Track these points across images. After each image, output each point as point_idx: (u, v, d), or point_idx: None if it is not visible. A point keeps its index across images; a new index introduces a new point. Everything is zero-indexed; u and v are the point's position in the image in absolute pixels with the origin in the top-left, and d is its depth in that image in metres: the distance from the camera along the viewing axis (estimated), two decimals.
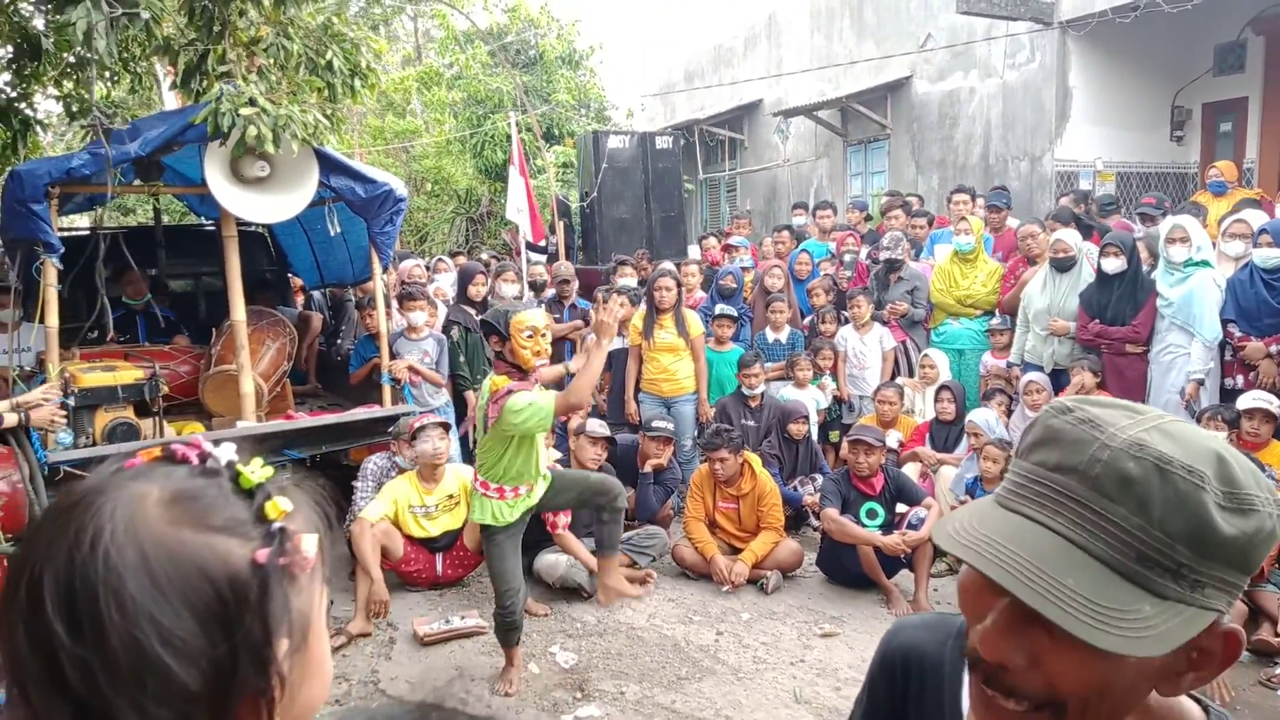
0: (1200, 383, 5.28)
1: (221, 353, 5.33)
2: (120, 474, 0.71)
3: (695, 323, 6.39)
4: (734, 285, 7.18)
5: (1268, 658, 3.96)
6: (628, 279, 7.58)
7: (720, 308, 6.82)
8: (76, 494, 0.70)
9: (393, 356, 5.74)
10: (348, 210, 5.46)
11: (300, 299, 8.23)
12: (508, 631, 3.95)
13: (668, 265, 7.40)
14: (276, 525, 0.72)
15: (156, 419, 4.98)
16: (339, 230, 5.64)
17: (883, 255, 7.01)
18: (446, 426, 5.23)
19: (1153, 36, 8.95)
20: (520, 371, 3.79)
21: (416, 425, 5.05)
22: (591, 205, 10.39)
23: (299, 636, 0.72)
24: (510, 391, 3.65)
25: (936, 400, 6.14)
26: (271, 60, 4.99)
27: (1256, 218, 5.76)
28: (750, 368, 6.19)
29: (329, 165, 5.06)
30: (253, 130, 4.38)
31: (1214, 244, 5.70)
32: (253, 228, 6.85)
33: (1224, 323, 5.29)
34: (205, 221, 7.52)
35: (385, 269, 6.11)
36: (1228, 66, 9.44)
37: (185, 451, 0.74)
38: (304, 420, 5.39)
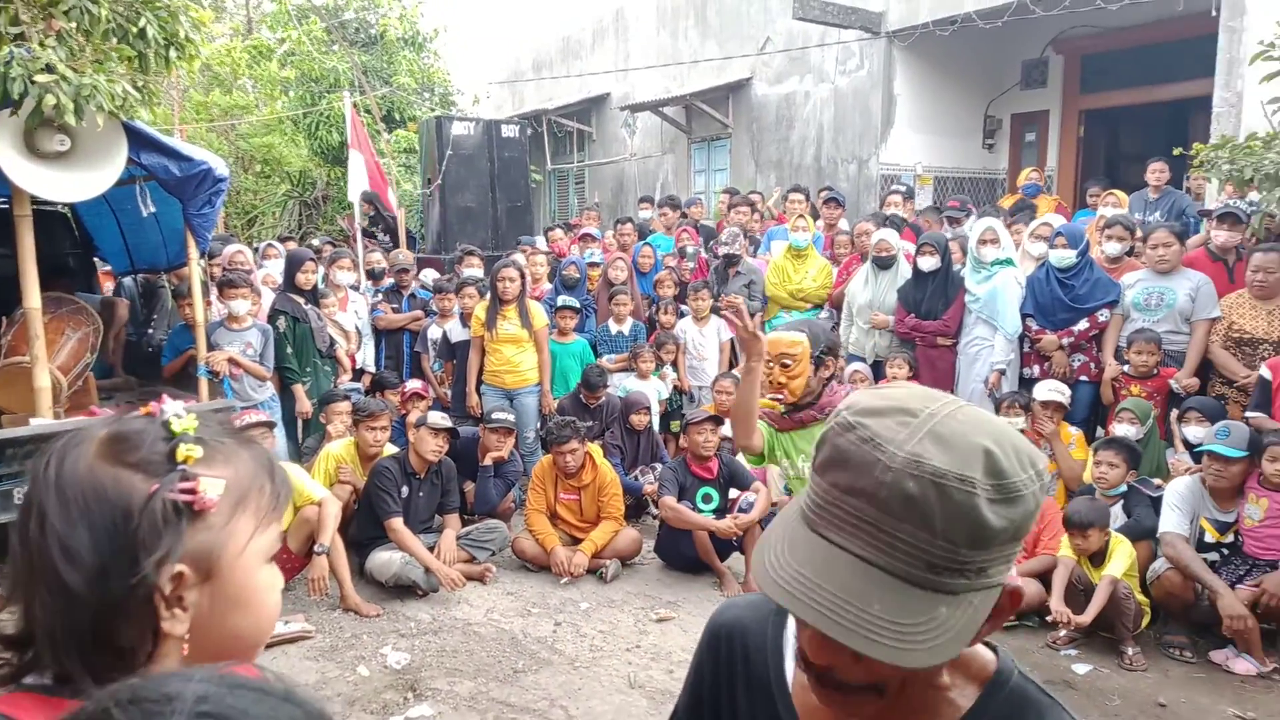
0: (1002, 372, 5.74)
1: (13, 343, 4.86)
2: (105, 419, 0.91)
3: (539, 314, 6.35)
4: (577, 275, 7.20)
5: (1054, 624, 4.34)
6: (473, 269, 7.46)
7: (563, 299, 6.82)
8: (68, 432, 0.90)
9: (211, 347, 5.41)
10: (162, 190, 5.09)
11: (110, 285, 7.62)
12: None
13: (516, 256, 7.33)
14: (181, 467, 0.85)
15: None
16: (152, 211, 5.24)
17: (721, 250, 7.21)
18: (271, 424, 4.97)
19: (969, 50, 9.63)
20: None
21: (239, 422, 4.78)
22: (435, 193, 10.15)
23: (202, 568, 0.86)
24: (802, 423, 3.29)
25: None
26: (74, 24, 4.56)
27: (1056, 221, 6.31)
28: (595, 392, 6.21)
29: (139, 141, 4.69)
30: (50, 99, 4.00)
31: (1017, 244, 6.21)
32: (52, 207, 6.27)
33: (1024, 317, 5.76)
34: None
35: (203, 253, 5.74)
36: (1032, 81, 10.29)
37: (154, 405, 0.92)
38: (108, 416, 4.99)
